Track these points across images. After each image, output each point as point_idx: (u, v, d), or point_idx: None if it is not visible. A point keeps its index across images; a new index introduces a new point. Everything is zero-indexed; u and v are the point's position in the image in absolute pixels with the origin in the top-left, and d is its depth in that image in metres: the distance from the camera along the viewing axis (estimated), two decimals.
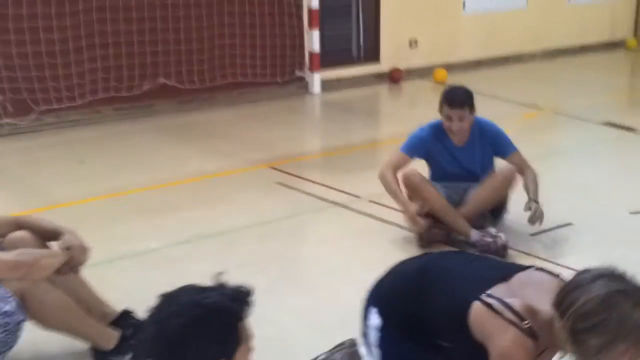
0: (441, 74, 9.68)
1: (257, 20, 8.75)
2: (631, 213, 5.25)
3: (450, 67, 9.97)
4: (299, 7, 9.01)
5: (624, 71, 11.55)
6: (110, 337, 3.45)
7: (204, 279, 4.30)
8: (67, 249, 3.34)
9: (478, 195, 4.81)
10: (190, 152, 6.87)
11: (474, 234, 4.64)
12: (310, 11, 8.96)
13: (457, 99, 4.75)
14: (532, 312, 2.37)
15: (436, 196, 4.75)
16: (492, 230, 4.70)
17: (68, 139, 7.37)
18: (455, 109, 4.73)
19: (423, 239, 4.69)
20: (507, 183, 4.85)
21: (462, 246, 4.61)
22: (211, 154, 6.81)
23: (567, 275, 2.41)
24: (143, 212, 5.44)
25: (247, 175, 6.22)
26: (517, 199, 4.94)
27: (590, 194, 5.63)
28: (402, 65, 9.90)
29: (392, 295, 2.78)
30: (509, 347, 2.34)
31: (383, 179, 4.81)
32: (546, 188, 5.03)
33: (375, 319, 2.77)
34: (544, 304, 2.34)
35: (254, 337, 2.04)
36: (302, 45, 9.14)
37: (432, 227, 4.72)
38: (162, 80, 8.26)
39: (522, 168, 4.88)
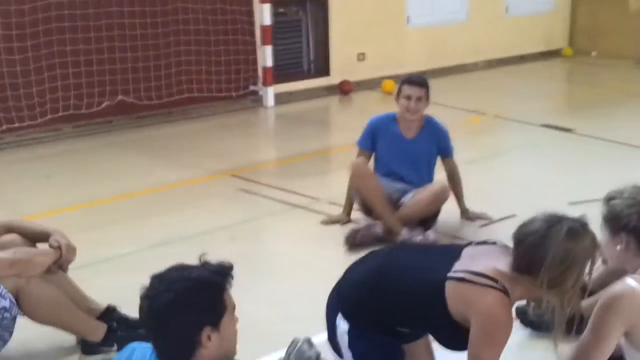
0: (389, 85, 10.09)
1: (211, 37, 9.06)
2: (570, 204, 5.67)
3: (397, 79, 10.34)
4: (252, 24, 9.35)
5: (561, 78, 12.18)
6: (98, 330, 3.71)
7: None
8: (57, 247, 3.60)
9: (415, 201, 5.05)
10: (152, 165, 7.13)
11: (404, 233, 4.92)
12: (262, 27, 9.31)
13: (417, 79, 5.16)
14: (498, 273, 2.69)
15: (378, 188, 5.02)
16: (421, 229, 4.97)
17: (30, 156, 7.55)
18: (414, 86, 5.04)
19: (349, 242, 4.91)
20: (443, 196, 5.11)
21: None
22: (173, 165, 7.08)
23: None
24: (112, 220, 5.68)
25: (209, 184, 6.51)
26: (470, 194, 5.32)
27: (532, 189, 6.05)
28: (352, 77, 10.30)
29: (355, 299, 2.93)
30: (493, 307, 2.62)
31: (354, 180, 5.15)
32: (492, 184, 5.42)
33: (342, 324, 2.92)
34: (502, 266, 2.69)
35: (235, 307, 2.29)
36: (255, 61, 9.48)
37: (359, 231, 4.96)
38: (120, 97, 8.51)
39: (455, 174, 5.21)
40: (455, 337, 2.77)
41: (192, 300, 2.16)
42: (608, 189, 5.79)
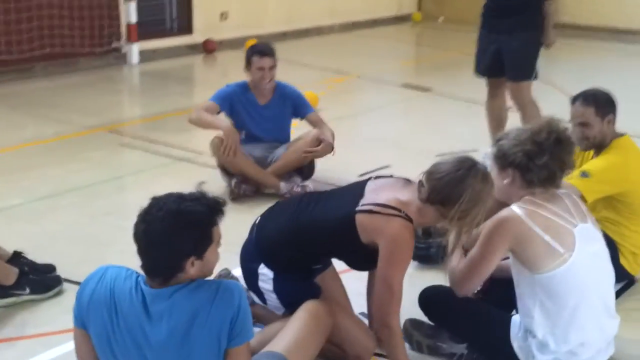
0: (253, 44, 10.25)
1: None
2: (437, 156, 6.16)
3: (259, 39, 10.54)
4: None
5: (412, 41, 12.83)
6: (10, 274, 3.74)
7: (70, 230, 4.67)
8: None
9: (286, 155, 5.29)
10: (23, 120, 6.98)
11: (283, 186, 5.17)
12: None
13: (266, 49, 5.30)
14: (400, 203, 3.04)
15: (245, 160, 5.19)
16: (298, 179, 5.25)
17: None
18: (265, 57, 5.20)
19: (234, 193, 5.13)
20: (313, 145, 5.27)
21: (273, 198, 4.94)
22: (45, 120, 6.97)
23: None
24: None
25: (88, 138, 6.49)
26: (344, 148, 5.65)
27: (402, 143, 6.50)
28: (215, 36, 10.39)
29: (276, 251, 3.20)
30: (397, 231, 2.98)
31: (196, 118, 5.19)
32: (364, 139, 5.70)
33: (267, 271, 3.19)
34: (404, 197, 3.05)
35: (221, 238, 2.49)
36: (118, 17, 9.37)
37: (242, 183, 5.17)
38: None
39: (320, 126, 5.37)
40: (366, 260, 3.15)
41: (183, 233, 2.35)
42: (466, 141, 6.33)
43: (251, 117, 5.35)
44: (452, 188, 2.96)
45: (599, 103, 3.89)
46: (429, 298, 3.41)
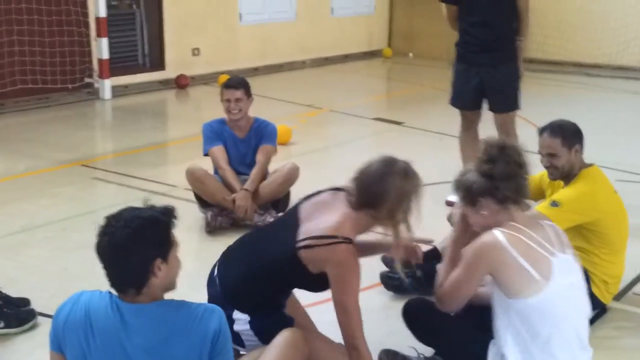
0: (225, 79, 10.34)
1: (45, 28, 8.90)
2: None
3: (231, 74, 10.64)
4: (86, 15, 9.27)
5: (383, 76, 13.01)
6: None
7: (44, 264, 4.66)
8: None
9: (267, 182, 5.37)
10: None
11: (256, 217, 5.23)
12: (98, 19, 9.25)
13: (233, 81, 5.44)
14: (336, 228, 3.04)
15: (217, 187, 5.27)
16: (273, 212, 5.31)
17: None
18: (231, 89, 5.33)
19: (210, 225, 5.18)
20: (294, 175, 5.43)
21: (247, 229, 4.93)
22: (17, 155, 6.95)
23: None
24: None
25: (60, 173, 6.48)
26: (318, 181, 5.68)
27: None
28: (187, 72, 10.46)
29: (243, 296, 3.19)
30: (341, 257, 3.00)
31: (223, 175, 5.30)
32: (336, 170, 5.67)
33: (241, 315, 3.17)
34: (338, 216, 3.05)
35: (179, 245, 2.52)
36: (90, 53, 9.40)
37: (218, 215, 5.22)
38: None
39: (263, 160, 5.41)
40: (321, 284, 3.15)
41: (146, 235, 2.40)
42: (437, 173, 6.42)
43: (230, 152, 5.43)
44: (376, 187, 3.00)
45: (566, 134, 3.98)
46: (413, 310, 3.47)
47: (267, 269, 3.15)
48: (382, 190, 2.98)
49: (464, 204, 3.18)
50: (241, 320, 3.20)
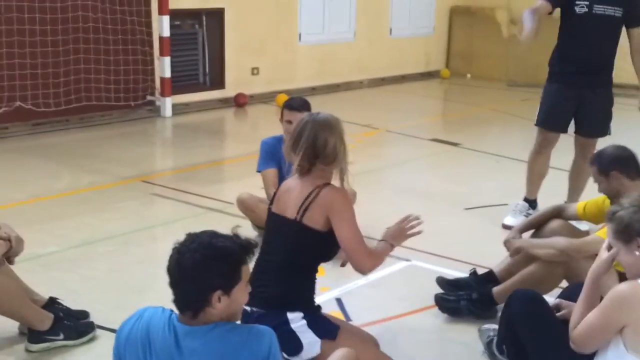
0: (283, 99, 10.42)
1: (111, 46, 9.14)
2: (466, 209, 6.23)
3: (289, 93, 10.76)
4: (150, 35, 9.49)
5: (440, 97, 12.97)
6: (46, 320, 3.82)
7: (104, 277, 4.76)
8: (7, 239, 3.70)
9: None
10: (59, 170, 7.15)
11: None
12: (161, 39, 9.47)
13: (295, 103, 5.37)
14: (311, 185, 3.37)
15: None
16: None
17: None
18: (293, 111, 5.28)
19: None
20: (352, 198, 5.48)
21: None
22: (80, 171, 7.14)
23: None
24: (29, 222, 5.65)
25: (121, 189, 6.63)
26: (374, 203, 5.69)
27: (430, 195, 6.54)
28: (246, 91, 10.61)
29: (282, 292, 3.36)
30: (332, 193, 3.34)
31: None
32: (392, 191, 5.70)
33: (294, 315, 3.33)
34: (302, 182, 3.42)
35: (249, 279, 2.57)
36: (153, 71, 9.62)
37: None
38: (18, 103, 8.45)
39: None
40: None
41: (212, 265, 2.44)
42: (494, 195, 6.34)
43: (286, 170, 5.44)
44: (314, 144, 3.38)
45: (601, 161, 4.12)
46: (523, 303, 3.42)
47: (294, 257, 3.38)
48: (323, 141, 3.40)
49: (616, 239, 2.96)
50: (296, 318, 3.35)
